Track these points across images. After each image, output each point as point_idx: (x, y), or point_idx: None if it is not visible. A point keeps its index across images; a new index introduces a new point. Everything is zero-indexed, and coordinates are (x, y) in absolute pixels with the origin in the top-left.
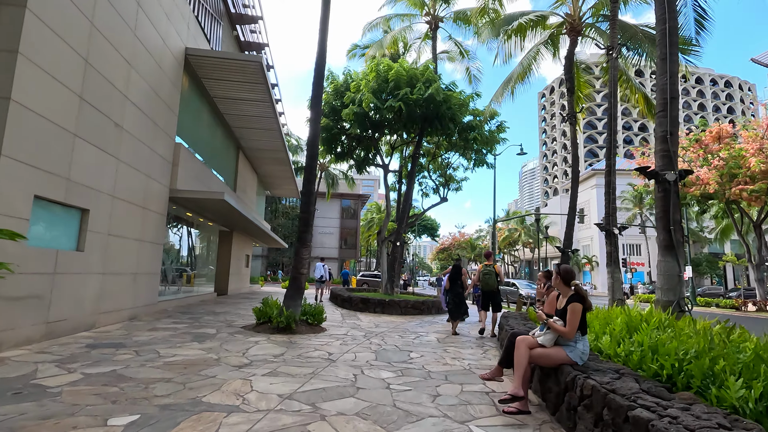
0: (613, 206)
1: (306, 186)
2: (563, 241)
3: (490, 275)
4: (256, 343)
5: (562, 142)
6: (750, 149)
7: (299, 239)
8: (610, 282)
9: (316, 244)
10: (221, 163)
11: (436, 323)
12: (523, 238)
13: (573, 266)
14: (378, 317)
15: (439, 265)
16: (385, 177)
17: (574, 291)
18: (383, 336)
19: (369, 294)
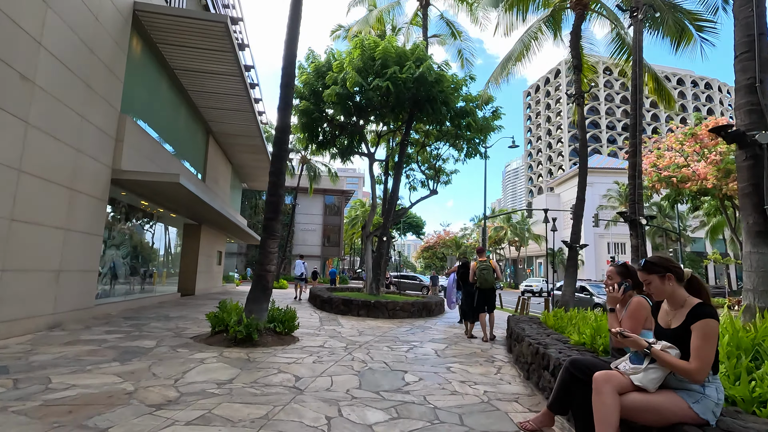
0: (639, 192)
1: (275, 163)
2: (571, 236)
3: (488, 271)
4: (201, 362)
5: (546, 140)
6: None
7: (265, 228)
8: None
9: (297, 241)
10: (187, 148)
11: (430, 329)
12: (509, 236)
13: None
14: (362, 322)
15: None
16: (370, 167)
17: (701, 299)
18: (369, 348)
19: (352, 295)
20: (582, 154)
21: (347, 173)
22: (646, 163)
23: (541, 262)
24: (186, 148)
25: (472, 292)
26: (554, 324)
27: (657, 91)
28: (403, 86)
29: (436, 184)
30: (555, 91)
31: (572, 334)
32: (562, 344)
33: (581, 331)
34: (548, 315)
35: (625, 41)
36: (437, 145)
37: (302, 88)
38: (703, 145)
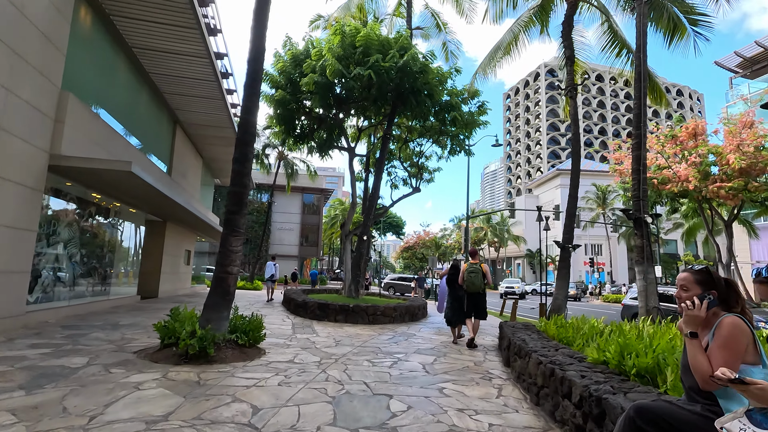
0: (644, 188)
1: (240, 148)
2: (563, 236)
3: (476, 274)
4: (135, 387)
5: (525, 143)
6: (729, 146)
7: (227, 223)
8: (642, 285)
9: (274, 241)
10: (149, 136)
11: (414, 336)
12: (489, 237)
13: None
14: (339, 329)
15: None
16: (350, 162)
17: None
18: (346, 363)
19: (329, 297)
20: (575, 150)
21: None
22: (627, 164)
23: (520, 263)
24: (148, 137)
25: (460, 296)
26: (557, 334)
27: (649, 88)
28: (386, 76)
29: (419, 182)
30: (534, 93)
31: (588, 351)
32: (578, 362)
33: (602, 347)
34: (548, 323)
35: (617, 35)
36: (420, 141)
37: (278, 77)
38: (683, 147)
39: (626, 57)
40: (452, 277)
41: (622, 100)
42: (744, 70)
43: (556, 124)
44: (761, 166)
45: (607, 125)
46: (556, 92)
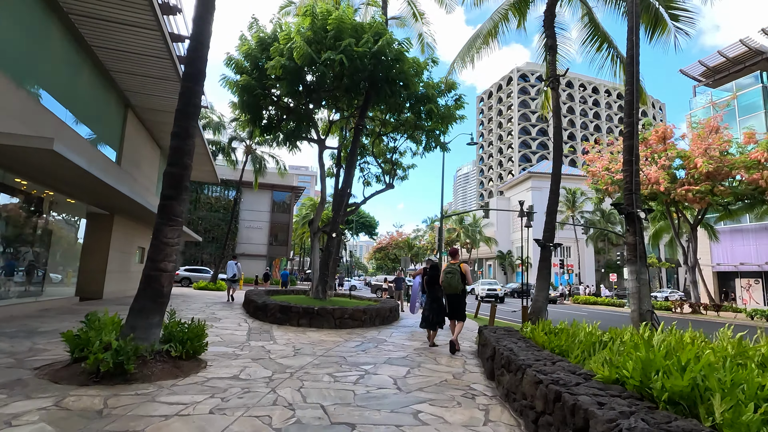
0: (636, 180)
1: (180, 121)
2: (544, 234)
3: (453, 275)
4: (8, 422)
5: (498, 146)
6: (696, 150)
7: (161, 210)
8: (635, 286)
9: (241, 240)
10: (93, 120)
11: (385, 343)
12: (462, 239)
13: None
14: (302, 334)
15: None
16: (320, 155)
17: None
18: (303, 379)
19: (294, 299)
20: (557, 143)
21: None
22: (599, 166)
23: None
24: (91, 120)
25: (438, 296)
26: (548, 342)
27: None
28: (358, 62)
29: (393, 179)
30: (507, 97)
31: (594, 365)
32: (584, 381)
33: (616, 362)
34: (535, 329)
35: (598, 28)
36: (394, 136)
37: (243, 61)
38: (653, 150)
39: (607, 52)
40: (431, 277)
41: (590, 107)
42: (707, 78)
43: (527, 127)
44: (726, 170)
45: (576, 131)
46: (528, 97)
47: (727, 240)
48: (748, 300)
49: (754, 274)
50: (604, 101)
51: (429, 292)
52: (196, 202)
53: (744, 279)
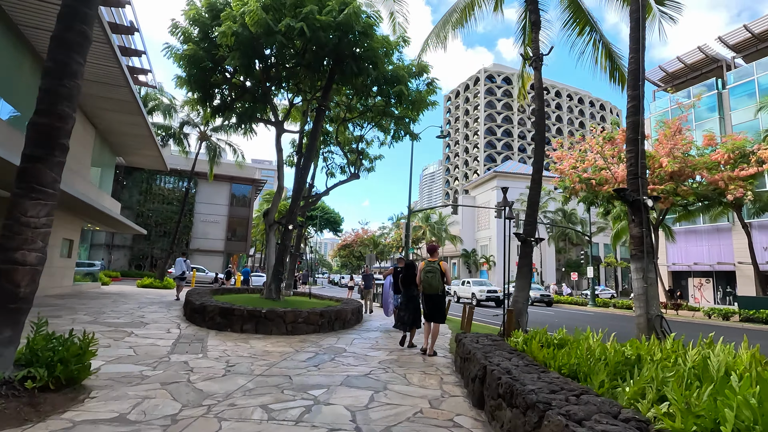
0: (642, 163)
1: (56, 52)
2: (524, 227)
3: (433, 274)
4: None
5: (464, 145)
6: (662, 150)
7: (20, 175)
8: (641, 286)
9: (197, 234)
10: None
11: (344, 354)
12: (427, 237)
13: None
14: (243, 343)
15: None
16: (278, 139)
17: None
18: (223, 418)
19: (241, 299)
20: (539, 128)
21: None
22: (566, 164)
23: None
24: None
25: (414, 296)
26: (549, 359)
27: (610, 69)
28: (322, 34)
29: (358, 169)
30: (474, 97)
31: (645, 406)
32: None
33: (696, 407)
34: (529, 340)
35: (580, 9)
36: (361, 123)
37: (190, 28)
38: (620, 149)
39: (589, 36)
40: (407, 277)
41: (553, 110)
42: (666, 84)
43: (493, 128)
44: (689, 171)
45: None
46: (495, 97)
47: (681, 240)
48: (699, 299)
49: (705, 274)
50: (566, 105)
51: (404, 292)
52: (146, 193)
53: (696, 278)
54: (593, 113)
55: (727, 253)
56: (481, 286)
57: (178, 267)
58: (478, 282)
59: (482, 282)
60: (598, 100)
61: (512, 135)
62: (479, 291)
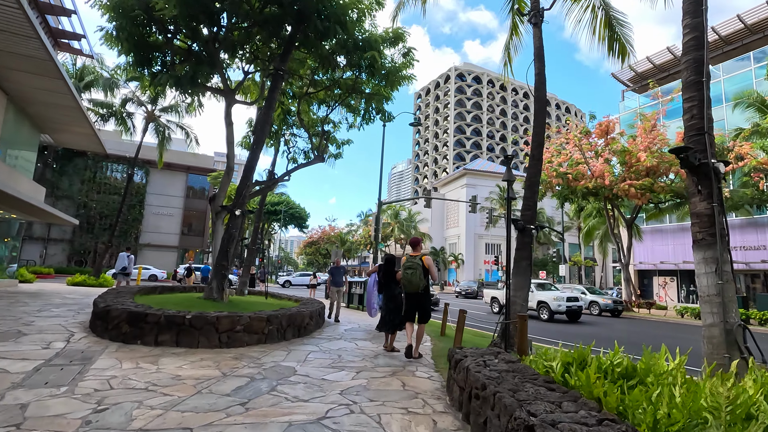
0: (708, 114)
1: None
2: (522, 213)
3: (414, 270)
4: None
5: (433, 143)
6: (640, 144)
7: None
8: (712, 284)
9: (148, 228)
10: None
11: (291, 379)
12: (396, 234)
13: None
14: (149, 364)
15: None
16: (228, 110)
17: None
18: None
19: (168, 300)
20: (539, 96)
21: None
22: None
23: None
24: None
25: (395, 295)
26: (613, 401)
27: (609, 40)
28: None
29: (323, 152)
30: (444, 95)
31: None
32: None
33: None
34: (574, 367)
35: None
36: (328, 101)
37: None
38: (595, 144)
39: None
40: (387, 273)
41: (521, 111)
42: (634, 84)
43: (462, 126)
44: (666, 166)
45: (507, 132)
46: (465, 96)
47: (648, 239)
48: (663, 297)
49: (670, 273)
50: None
51: (385, 291)
52: (90, 182)
53: (661, 277)
54: (559, 116)
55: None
56: (553, 291)
57: (120, 262)
58: (544, 285)
59: (544, 284)
60: (563, 103)
61: (481, 134)
62: (554, 300)
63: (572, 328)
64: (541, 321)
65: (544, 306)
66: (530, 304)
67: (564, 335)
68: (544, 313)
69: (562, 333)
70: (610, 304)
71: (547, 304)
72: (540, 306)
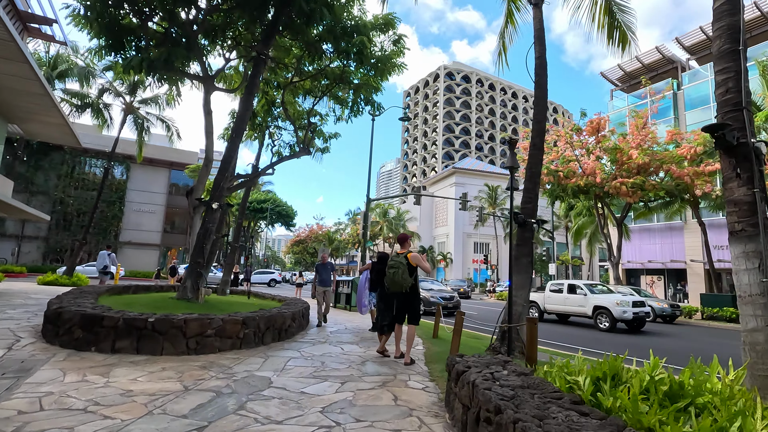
0: (746, 86)
1: None
2: (523, 206)
3: (396, 269)
4: None
5: (422, 142)
6: (632, 142)
7: None
8: (754, 282)
9: (129, 225)
10: None
11: (265, 394)
12: (384, 233)
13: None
14: (98, 376)
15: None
16: (206, 98)
17: None
18: None
19: (135, 300)
20: (540, 81)
21: None
22: None
23: None
24: None
25: (386, 294)
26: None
27: (609, 27)
28: None
29: (308, 145)
30: (433, 94)
31: None
32: None
33: None
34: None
35: None
36: (314, 92)
37: None
38: (586, 142)
39: None
40: (379, 271)
41: (510, 111)
42: (623, 83)
43: (451, 125)
44: (657, 165)
45: (496, 132)
46: (454, 95)
47: (636, 238)
48: None
49: (657, 272)
50: (521, 106)
51: (379, 290)
52: (68, 177)
53: (649, 276)
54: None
55: (678, 251)
56: (614, 294)
57: (100, 260)
58: (595, 286)
59: (595, 285)
60: (551, 103)
61: (470, 133)
62: (617, 305)
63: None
64: (598, 330)
65: (604, 312)
66: (582, 309)
67: (565, 338)
68: (603, 322)
69: (562, 335)
70: (666, 308)
71: (608, 311)
72: (597, 312)
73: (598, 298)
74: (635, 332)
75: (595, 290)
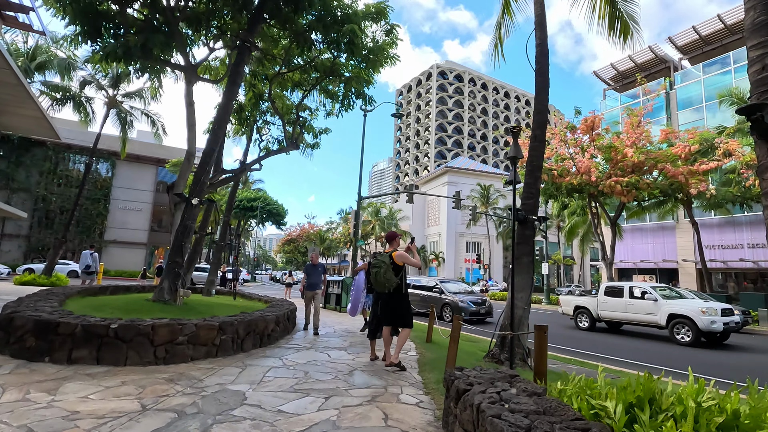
0: None
1: None
2: (523, 202)
3: (377, 269)
4: None
5: (415, 141)
6: (627, 140)
7: None
8: None
9: (114, 224)
10: None
11: (239, 414)
12: (377, 232)
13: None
14: (43, 393)
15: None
16: (188, 89)
17: None
18: None
19: (107, 302)
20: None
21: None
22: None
23: None
24: None
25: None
26: None
27: (610, 17)
28: None
29: (297, 139)
30: (426, 93)
31: None
32: None
33: None
34: (648, 416)
35: None
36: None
37: None
38: (581, 140)
39: None
40: None
41: (502, 110)
42: (616, 83)
43: (444, 125)
44: (652, 163)
45: (488, 132)
46: (446, 94)
47: (628, 238)
48: None
49: (649, 271)
50: (513, 106)
51: (374, 293)
52: (51, 174)
53: (641, 275)
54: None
55: (670, 251)
56: (696, 300)
57: (83, 260)
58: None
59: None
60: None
61: (463, 133)
62: (703, 313)
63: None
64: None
65: (685, 322)
66: (652, 317)
67: (623, 352)
68: (683, 334)
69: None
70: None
71: (689, 320)
72: (675, 322)
73: (674, 304)
74: (713, 346)
75: (665, 295)
